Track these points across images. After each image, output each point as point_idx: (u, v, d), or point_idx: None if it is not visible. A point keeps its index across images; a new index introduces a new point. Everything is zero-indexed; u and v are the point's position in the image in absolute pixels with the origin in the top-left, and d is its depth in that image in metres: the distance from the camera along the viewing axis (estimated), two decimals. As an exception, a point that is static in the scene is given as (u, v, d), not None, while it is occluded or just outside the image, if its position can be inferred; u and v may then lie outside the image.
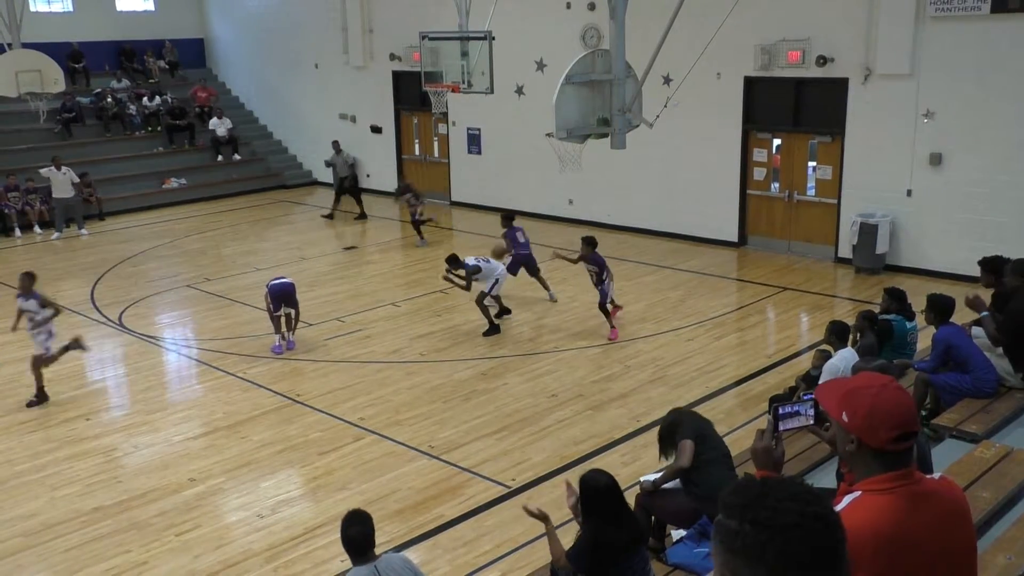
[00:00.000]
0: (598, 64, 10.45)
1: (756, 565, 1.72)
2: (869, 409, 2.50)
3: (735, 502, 1.79)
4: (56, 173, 18.49)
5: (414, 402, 9.97)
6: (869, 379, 2.61)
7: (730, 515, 1.78)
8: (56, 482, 8.38)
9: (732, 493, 1.82)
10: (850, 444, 2.54)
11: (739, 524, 1.75)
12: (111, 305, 13.84)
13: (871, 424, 2.49)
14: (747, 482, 1.86)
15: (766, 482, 1.84)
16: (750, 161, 15.98)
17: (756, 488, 1.81)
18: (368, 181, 22.55)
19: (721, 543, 1.78)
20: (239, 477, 8.42)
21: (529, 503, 5.40)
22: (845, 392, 2.57)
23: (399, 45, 20.46)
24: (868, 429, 2.49)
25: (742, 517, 1.75)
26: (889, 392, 2.53)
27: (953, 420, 7.12)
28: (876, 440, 2.49)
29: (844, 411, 2.53)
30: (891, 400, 2.52)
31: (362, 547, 4.85)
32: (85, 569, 7.00)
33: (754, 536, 1.72)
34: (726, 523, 1.78)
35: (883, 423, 2.49)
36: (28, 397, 10.25)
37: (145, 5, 25.33)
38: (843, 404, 2.54)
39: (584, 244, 11.93)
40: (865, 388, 2.55)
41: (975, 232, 13.20)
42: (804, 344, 11.47)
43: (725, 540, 1.77)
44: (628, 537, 5.08)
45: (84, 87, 23.32)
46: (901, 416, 2.51)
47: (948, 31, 13.22)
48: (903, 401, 2.55)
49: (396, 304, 13.60)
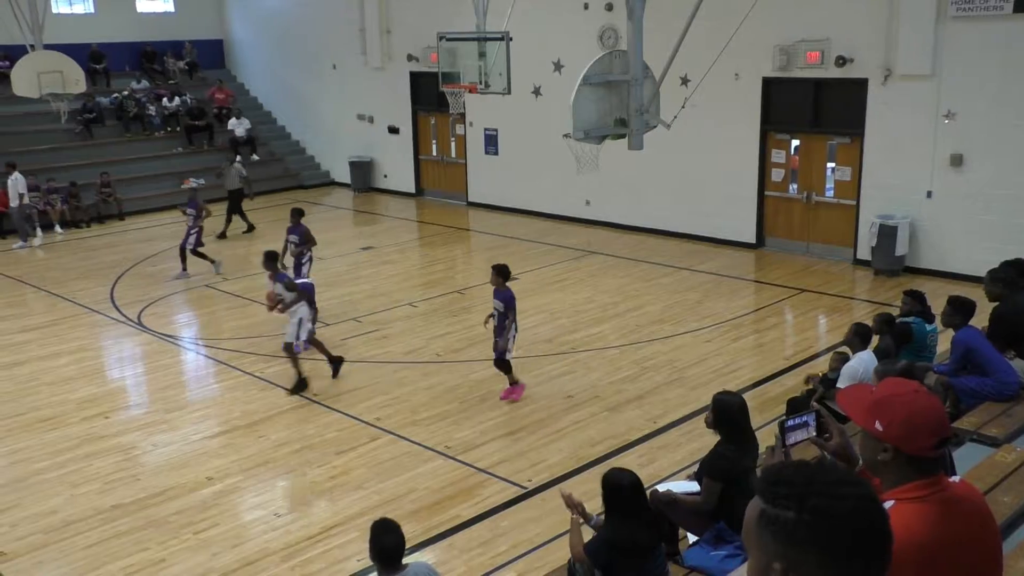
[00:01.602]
0: (616, 65, 10.42)
1: (819, 553, 1.67)
2: (906, 416, 2.45)
3: (787, 492, 1.72)
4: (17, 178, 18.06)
5: (431, 402, 9.98)
6: (899, 386, 2.57)
7: (784, 505, 1.71)
8: (76, 480, 8.45)
9: (778, 483, 1.74)
10: (884, 453, 2.48)
11: (797, 513, 1.68)
12: (130, 304, 13.94)
13: (910, 431, 2.45)
14: (790, 469, 1.79)
15: (808, 466, 1.78)
16: (768, 162, 15.90)
17: (804, 474, 1.74)
18: (385, 182, 22.64)
19: (775, 535, 1.70)
20: (256, 476, 8.46)
21: (571, 491, 5.43)
22: (876, 401, 2.51)
23: (417, 46, 20.50)
24: (907, 437, 2.45)
25: (800, 506, 1.69)
26: (923, 398, 2.50)
27: (974, 423, 7.05)
28: (915, 447, 2.45)
29: (877, 420, 2.47)
30: (927, 406, 2.49)
31: (393, 558, 4.77)
32: (104, 566, 7.05)
33: (816, 524, 1.67)
34: (781, 514, 1.70)
35: (922, 430, 2.45)
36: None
37: (165, 6, 25.51)
38: (875, 413, 2.48)
39: (495, 274, 9.82)
40: (899, 395, 2.50)
41: (996, 234, 13.08)
42: (822, 346, 11.40)
43: (781, 531, 1.70)
44: (648, 537, 5.08)
45: (105, 88, 23.52)
46: (938, 421, 2.49)
47: (970, 31, 13.11)
48: (937, 406, 2.53)
49: (413, 304, 13.62)
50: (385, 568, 4.81)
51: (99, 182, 20.28)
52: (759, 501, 1.76)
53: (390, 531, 4.82)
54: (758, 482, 1.79)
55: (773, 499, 1.73)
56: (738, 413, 5.82)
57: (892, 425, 2.46)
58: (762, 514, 1.74)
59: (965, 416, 7.28)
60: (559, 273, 15.02)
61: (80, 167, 20.83)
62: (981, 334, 7.70)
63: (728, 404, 5.82)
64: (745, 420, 5.90)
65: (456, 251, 17.81)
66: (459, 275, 15.85)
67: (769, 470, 1.82)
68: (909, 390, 2.52)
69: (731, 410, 5.79)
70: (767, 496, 1.74)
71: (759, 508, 1.75)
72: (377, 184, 22.90)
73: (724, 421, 5.80)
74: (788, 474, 1.76)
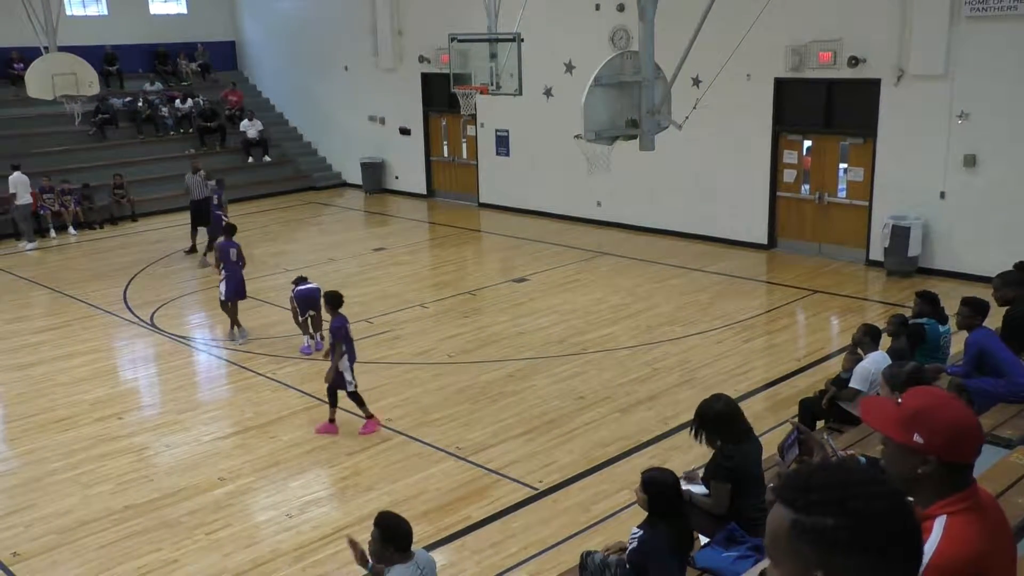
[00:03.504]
0: (627, 66, 10.40)
1: (862, 555, 1.63)
2: (950, 425, 2.39)
3: (822, 498, 1.66)
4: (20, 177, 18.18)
5: (442, 403, 9.99)
6: (931, 395, 2.51)
7: (821, 511, 1.65)
8: (89, 480, 8.50)
9: (809, 490, 1.69)
10: (925, 466, 2.40)
11: (837, 518, 1.64)
12: (143, 305, 14.00)
13: (954, 441, 2.39)
14: (818, 475, 1.72)
15: (833, 470, 1.73)
16: (780, 163, 15.86)
17: (836, 478, 1.70)
18: (397, 183, 22.68)
19: (815, 543, 1.64)
20: (268, 477, 8.48)
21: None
22: (913, 413, 2.43)
23: (428, 47, 20.53)
24: (953, 446, 2.39)
25: (841, 511, 1.64)
26: (960, 405, 2.47)
27: (987, 425, 7.00)
28: (961, 456, 2.41)
29: (916, 432, 2.39)
30: (963, 412, 2.45)
31: (408, 543, 5.03)
32: (118, 566, 7.09)
33: (858, 527, 1.63)
34: (819, 521, 1.64)
35: (967, 438, 2.41)
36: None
37: (178, 8, 25.62)
38: (913, 425, 2.40)
39: (327, 304, 9.54)
40: (936, 406, 2.44)
41: (1010, 235, 12.99)
42: (835, 347, 11.35)
43: (821, 539, 1.64)
44: (690, 537, 5.13)
45: (118, 89, 23.65)
46: (978, 427, 2.46)
47: (983, 31, 13.04)
48: (971, 412, 2.51)
49: (424, 305, 13.64)
50: (399, 553, 4.99)
51: (112, 183, 20.37)
52: (788, 512, 1.69)
53: (401, 519, 5.10)
54: (783, 492, 1.72)
55: (807, 508, 1.67)
56: (731, 418, 5.81)
57: (935, 435, 2.38)
58: (795, 524, 1.67)
59: (979, 418, 7.23)
60: (570, 274, 15.02)
61: (93, 169, 20.94)
62: (995, 335, 7.65)
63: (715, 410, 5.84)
64: (740, 421, 5.88)
65: (467, 252, 17.82)
66: (470, 276, 15.85)
67: (793, 478, 1.75)
68: (941, 398, 2.49)
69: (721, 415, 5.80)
70: (800, 505, 1.68)
71: (790, 518, 1.68)
72: (388, 185, 22.94)
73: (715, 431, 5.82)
74: (818, 480, 1.71)
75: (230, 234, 12.38)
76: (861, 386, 7.48)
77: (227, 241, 12.22)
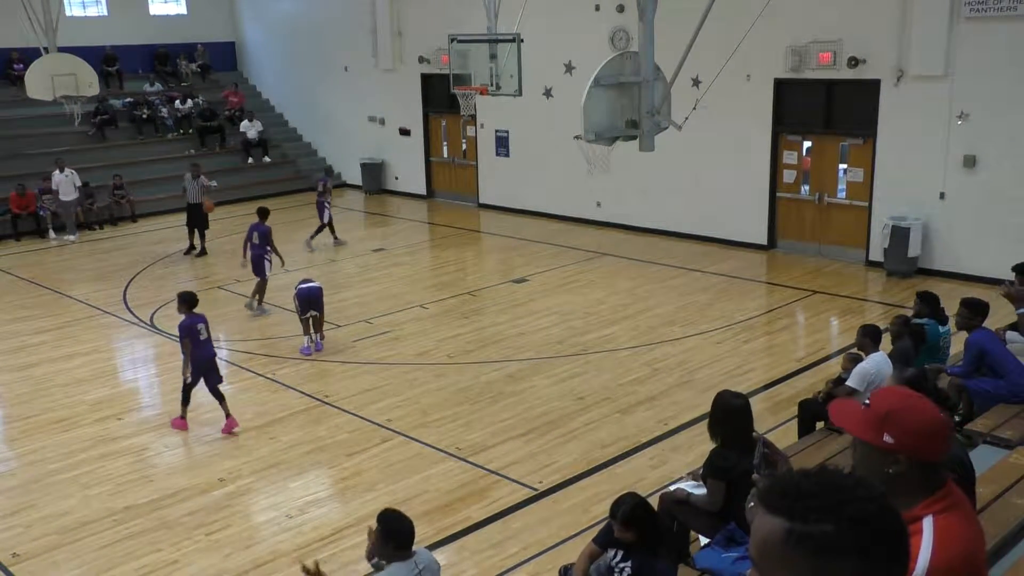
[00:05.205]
0: (627, 66, 10.41)
1: (858, 559, 1.61)
2: (919, 425, 2.41)
3: (818, 504, 1.63)
4: (60, 176, 18.82)
5: (441, 404, 9.99)
6: (899, 396, 2.52)
7: (818, 518, 1.62)
8: (89, 481, 8.50)
9: (802, 497, 1.65)
10: (895, 465, 2.41)
11: (835, 524, 1.61)
12: (143, 306, 14.00)
13: (925, 440, 2.41)
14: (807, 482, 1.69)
15: (820, 475, 1.70)
16: (780, 163, 15.86)
17: (827, 484, 1.67)
18: (396, 184, 22.68)
19: (813, 551, 1.61)
20: (268, 477, 8.48)
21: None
22: (881, 414, 2.43)
23: (428, 48, 20.53)
24: (923, 445, 2.40)
25: (838, 516, 1.61)
26: (925, 404, 2.47)
27: (987, 426, 7.02)
28: (932, 454, 2.42)
29: (886, 432, 2.40)
30: (932, 411, 2.45)
31: (409, 542, 5.06)
32: (117, 567, 7.09)
33: (855, 532, 1.61)
34: (816, 528, 1.61)
35: (936, 436, 2.42)
36: (60, 397, 10.36)
37: (178, 9, 25.63)
38: (883, 426, 2.41)
39: (179, 302, 9.41)
40: (905, 406, 2.45)
41: (1010, 235, 13.00)
42: (834, 348, 11.36)
43: (819, 547, 1.61)
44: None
45: (118, 90, 23.65)
46: (946, 424, 2.47)
47: (983, 31, 13.04)
48: (938, 409, 2.50)
49: (424, 306, 13.64)
50: (399, 551, 5.01)
51: (112, 184, 20.37)
52: (781, 520, 1.65)
53: (404, 517, 5.13)
54: (773, 500, 1.68)
55: (804, 515, 1.63)
56: (739, 416, 5.80)
57: (905, 435, 2.39)
58: (790, 533, 1.63)
59: (979, 418, 7.25)
60: (570, 275, 15.03)
61: (93, 169, 20.92)
62: (995, 336, 7.66)
63: (730, 404, 5.81)
64: (747, 423, 5.86)
65: (467, 253, 17.83)
66: (470, 277, 15.85)
67: (780, 487, 1.71)
68: (912, 399, 2.49)
69: (732, 411, 5.79)
70: (794, 513, 1.64)
71: (784, 527, 1.64)
72: (388, 186, 22.94)
73: (723, 422, 5.81)
74: (809, 487, 1.67)
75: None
76: (858, 386, 7.47)
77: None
